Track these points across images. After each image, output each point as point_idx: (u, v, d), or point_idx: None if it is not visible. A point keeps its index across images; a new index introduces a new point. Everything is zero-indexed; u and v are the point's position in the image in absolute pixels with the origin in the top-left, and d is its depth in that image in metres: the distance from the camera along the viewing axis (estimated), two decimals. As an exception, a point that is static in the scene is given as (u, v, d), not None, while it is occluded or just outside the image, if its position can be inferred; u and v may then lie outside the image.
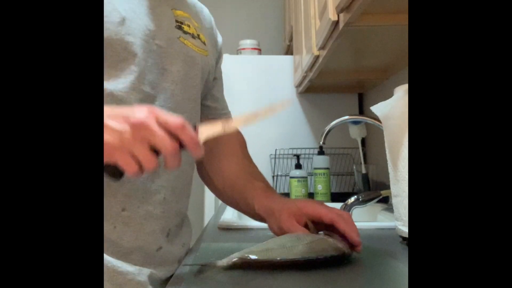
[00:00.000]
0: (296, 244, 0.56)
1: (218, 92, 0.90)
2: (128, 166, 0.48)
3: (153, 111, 0.49)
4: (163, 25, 0.69)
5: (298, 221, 0.68)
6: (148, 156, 0.48)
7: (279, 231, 0.69)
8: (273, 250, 0.55)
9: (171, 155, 0.48)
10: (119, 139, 0.48)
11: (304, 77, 1.66)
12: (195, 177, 0.88)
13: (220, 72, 0.91)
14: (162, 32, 0.69)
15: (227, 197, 0.86)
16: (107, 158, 0.48)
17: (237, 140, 0.92)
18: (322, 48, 1.23)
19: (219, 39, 0.89)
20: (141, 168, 0.48)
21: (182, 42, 0.71)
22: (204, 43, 0.78)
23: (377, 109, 0.76)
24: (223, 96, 0.93)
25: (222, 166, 0.87)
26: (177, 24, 0.72)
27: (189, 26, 0.74)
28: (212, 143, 0.84)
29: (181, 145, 0.49)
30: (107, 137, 0.47)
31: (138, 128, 0.48)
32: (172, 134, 0.48)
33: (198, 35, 0.76)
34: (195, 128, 0.51)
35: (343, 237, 0.61)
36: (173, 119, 0.49)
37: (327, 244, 0.57)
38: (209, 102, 0.87)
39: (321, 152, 1.70)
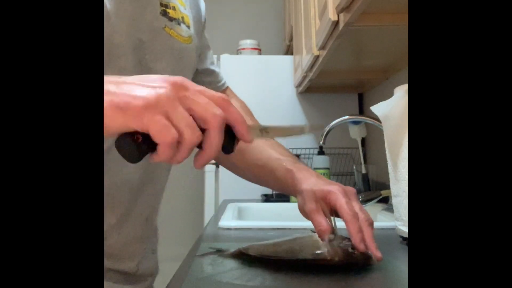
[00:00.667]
0: (284, 243, 0.56)
1: (210, 64, 0.82)
2: (163, 134, 0.35)
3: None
4: (147, 13, 0.61)
5: (323, 207, 0.60)
6: (192, 124, 0.36)
7: (304, 214, 0.62)
8: (268, 247, 0.56)
9: (215, 130, 0.37)
10: (155, 95, 0.36)
11: (304, 77, 1.66)
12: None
13: (206, 40, 0.82)
14: (146, 23, 0.61)
15: (250, 175, 0.78)
16: (129, 122, 0.36)
17: (244, 110, 0.83)
18: (322, 48, 1.23)
19: (202, 5, 0.80)
20: (178, 140, 0.36)
21: (168, 34, 0.64)
22: (188, 26, 0.69)
23: (377, 109, 0.76)
24: (216, 66, 0.84)
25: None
26: (162, 9, 0.63)
27: (174, 8, 0.66)
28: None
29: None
30: (136, 91, 0.36)
31: (178, 87, 0.37)
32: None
33: (183, 17, 0.68)
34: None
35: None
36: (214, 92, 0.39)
37: (308, 246, 0.54)
38: (202, 78, 0.79)
39: (321, 152, 1.70)
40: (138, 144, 0.37)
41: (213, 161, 2.01)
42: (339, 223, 0.57)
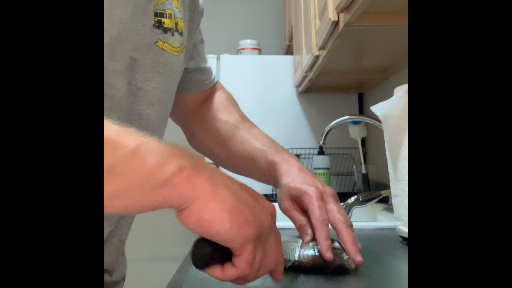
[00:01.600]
0: None
1: (201, 62, 0.77)
2: (249, 265, 0.37)
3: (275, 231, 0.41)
4: (139, 27, 0.56)
5: (296, 208, 0.59)
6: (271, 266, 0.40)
7: (281, 210, 0.60)
8: None
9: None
10: (263, 229, 0.38)
11: (304, 77, 1.66)
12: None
13: (200, 34, 0.77)
14: (138, 38, 0.56)
15: (233, 166, 0.76)
16: (231, 236, 0.36)
17: (230, 102, 0.80)
18: (322, 48, 1.23)
19: None
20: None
21: (160, 48, 0.59)
22: (181, 33, 0.63)
23: (377, 109, 0.76)
24: (206, 61, 0.79)
25: (220, 131, 0.76)
26: (156, 20, 0.58)
27: (170, 16, 0.60)
28: (203, 110, 0.77)
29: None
30: (255, 215, 0.37)
31: (274, 221, 0.41)
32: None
33: (177, 23, 0.62)
34: None
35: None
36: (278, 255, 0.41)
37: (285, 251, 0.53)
38: (192, 77, 0.76)
39: (321, 152, 1.70)
40: (214, 254, 0.38)
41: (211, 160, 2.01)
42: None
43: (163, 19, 0.58)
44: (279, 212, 0.63)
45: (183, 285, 0.49)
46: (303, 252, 0.52)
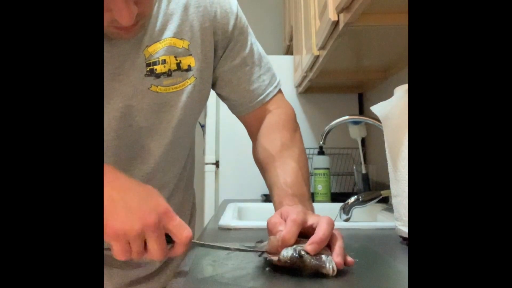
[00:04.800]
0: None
1: (237, 87, 0.80)
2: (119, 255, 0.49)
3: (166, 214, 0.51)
4: (132, 80, 0.67)
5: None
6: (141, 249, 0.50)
7: (269, 231, 0.60)
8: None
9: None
10: (141, 227, 0.48)
11: (304, 77, 1.66)
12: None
13: (238, 58, 0.80)
14: (132, 89, 0.67)
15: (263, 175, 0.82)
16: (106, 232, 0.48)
17: (276, 122, 0.83)
18: (322, 48, 1.23)
19: (229, 23, 0.78)
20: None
21: (154, 91, 0.69)
22: (188, 68, 0.72)
23: (377, 109, 0.76)
24: (251, 84, 0.81)
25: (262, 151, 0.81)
26: (148, 69, 0.68)
27: (164, 61, 0.70)
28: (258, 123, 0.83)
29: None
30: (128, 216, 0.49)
31: (146, 230, 0.49)
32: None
33: (180, 62, 0.71)
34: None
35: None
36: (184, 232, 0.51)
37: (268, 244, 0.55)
38: (234, 102, 0.82)
39: (321, 152, 1.70)
40: None
41: (214, 161, 2.02)
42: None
43: (155, 67, 0.69)
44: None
45: (183, 285, 0.49)
46: (283, 252, 0.52)
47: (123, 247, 0.49)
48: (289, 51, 2.33)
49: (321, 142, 1.37)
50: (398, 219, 0.72)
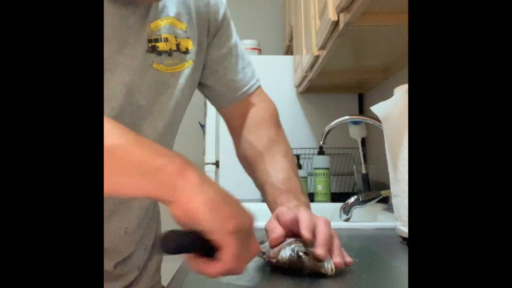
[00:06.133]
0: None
1: (223, 76, 0.79)
2: (234, 259, 0.41)
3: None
4: (134, 54, 0.63)
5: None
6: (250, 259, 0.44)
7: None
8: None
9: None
10: (245, 226, 0.43)
11: (304, 77, 1.66)
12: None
13: (225, 48, 0.79)
14: (135, 63, 0.63)
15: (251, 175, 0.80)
16: (210, 228, 0.40)
17: (262, 117, 0.82)
18: (322, 48, 1.23)
19: (219, 11, 0.79)
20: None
21: (155, 69, 0.66)
22: (186, 51, 0.70)
23: (377, 109, 0.76)
24: (236, 75, 0.80)
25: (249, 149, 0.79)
26: (150, 45, 0.65)
27: (167, 39, 0.67)
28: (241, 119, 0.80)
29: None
30: (236, 212, 0.42)
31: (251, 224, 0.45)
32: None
33: (179, 43, 0.69)
34: None
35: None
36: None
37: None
38: (218, 93, 0.79)
39: (321, 152, 1.70)
40: (186, 245, 0.41)
41: (214, 161, 2.01)
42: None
43: (157, 44, 0.66)
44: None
45: (183, 285, 0.49)
46: (282, 253, 0.52)
47: (240, 245, 0.42)
48: (289, 51, 2.33)
49: (321, 142, 1.37)
50: (398, 219, 0.72)
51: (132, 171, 0.38)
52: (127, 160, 0.38)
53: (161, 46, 0.67)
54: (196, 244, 0.41)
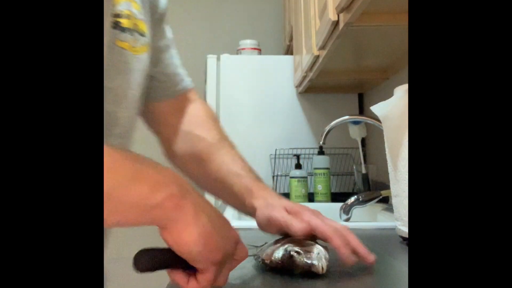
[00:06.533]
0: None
1: (166, 68, 0.75)
2: (208, 282, 0.43)
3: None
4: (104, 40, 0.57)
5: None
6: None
7: (272, 224, 0.59)
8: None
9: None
10: (226, 255, 0.43)
11: (304, 77, 1.66)
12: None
13: (165, 39, 0.76)
14: None
15: (207, 186, 0.75)
16: (194, 254, 0.41)
17: (206, 115, 0.78)
18: (322, 48, 1.23)
19: (164, 1, 0.74)
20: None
21: (120, 47, 0.60)
22: (143, 33, 0.64)
23: (377, 109, 0.76)
24: (176, 68, 0.77)
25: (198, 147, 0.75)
26: (114, 20, 0.59)
27: (128, 16, 0.61)
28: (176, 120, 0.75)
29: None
30: (221, 243, 0.42)
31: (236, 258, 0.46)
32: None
33: (136, 24, 0.63)
34: None
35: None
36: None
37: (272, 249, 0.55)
38: (159, 84, 0.75)
39: (321, 152, 1.70)
40: (159, 262, 0.42)
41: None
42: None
43: (121, 20, 0.60)
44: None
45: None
46: (275, 254, 0.52)
47: (220, 269, 0.44)
48: (289, 51, 2.33)
49: (321, 142, 1.38)
50: (398, 219, 0.72)
51: (130, 211, 0.39)
52: (125, 201, 0.38)
53: (125, 22, 0.60)
54: (171, 260, 0.42)
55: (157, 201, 0.39)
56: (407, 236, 0.71)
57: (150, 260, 0.42)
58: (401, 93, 0.70)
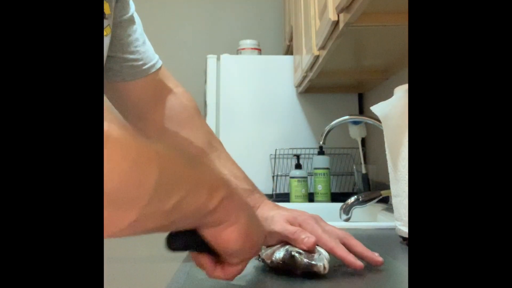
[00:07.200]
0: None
1: (128, 46, 0.69)
2: (235, 274, 0.44)
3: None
4: None
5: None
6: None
7: (274, 236, 0.57)
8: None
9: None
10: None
11: (304, 77, 1.66)
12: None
13: (132, 12, 0.70)
14: None
15: None
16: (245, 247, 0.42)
17: (191, 109, 0.74)
18: (322, 48, 1.23)
19: None
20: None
21: None
22: (105, 16, 0.61)
23: (377, 109, 0.76)
24: (144, 43, 0.71)
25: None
26: None
27: None
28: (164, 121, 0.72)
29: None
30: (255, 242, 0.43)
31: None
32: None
33: None
34: None
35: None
36: None
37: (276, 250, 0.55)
38: (122, 62, 0.69)
39: (321, 152, 1.70)
40: (190, 243, 0.42)
41: None
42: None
43: None
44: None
45: (183, 285, 0.49)
46: (276, 254, 0.52)
47: (245, 266, 0.44)
48: (289, 51, 2.33)
49: (321, 142, 1.38)
50: (398, 219, 0.72)
51: (190, 217, 0.39)
52: (189, 210, 0.38)
53: None
54: (200, 243, 0.42)
55: (214, 206, 0.39)
56: (407, 236, 0.71)
57: (183, 240, 0.42)
58: (401, 93, 0.70)
